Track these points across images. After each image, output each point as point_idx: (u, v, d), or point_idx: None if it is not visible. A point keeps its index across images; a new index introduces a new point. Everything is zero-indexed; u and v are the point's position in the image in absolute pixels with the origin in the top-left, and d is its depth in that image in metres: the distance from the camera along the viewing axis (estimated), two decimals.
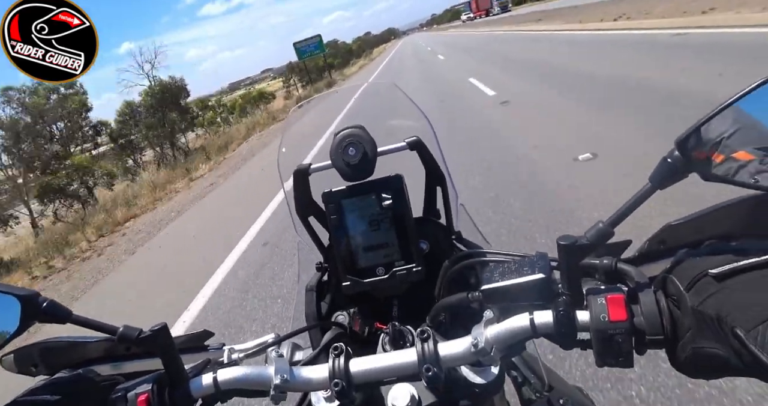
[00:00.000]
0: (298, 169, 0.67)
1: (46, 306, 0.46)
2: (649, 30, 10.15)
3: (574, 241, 0.42)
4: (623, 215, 0.42)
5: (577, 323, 0.42)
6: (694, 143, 0.39)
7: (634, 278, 0.43)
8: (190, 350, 0.61)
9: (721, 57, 5.77)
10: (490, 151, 4.74)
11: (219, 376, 0.49)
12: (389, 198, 0.62)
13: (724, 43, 6.64)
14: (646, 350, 0.41)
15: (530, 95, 7.08)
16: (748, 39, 6.46)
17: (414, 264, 0.63)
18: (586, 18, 17.33)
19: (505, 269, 0.48)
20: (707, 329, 0.36)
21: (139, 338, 0.46)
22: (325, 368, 0.48)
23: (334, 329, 0.64)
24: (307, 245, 0.72)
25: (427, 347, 0.47)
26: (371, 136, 0.62)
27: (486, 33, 32.56)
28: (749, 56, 5.37)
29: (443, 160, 0.71)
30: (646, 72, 6.08)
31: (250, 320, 3.00)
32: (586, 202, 3.02)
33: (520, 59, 12.25)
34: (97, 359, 0.61)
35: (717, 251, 0.40)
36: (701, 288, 0.37)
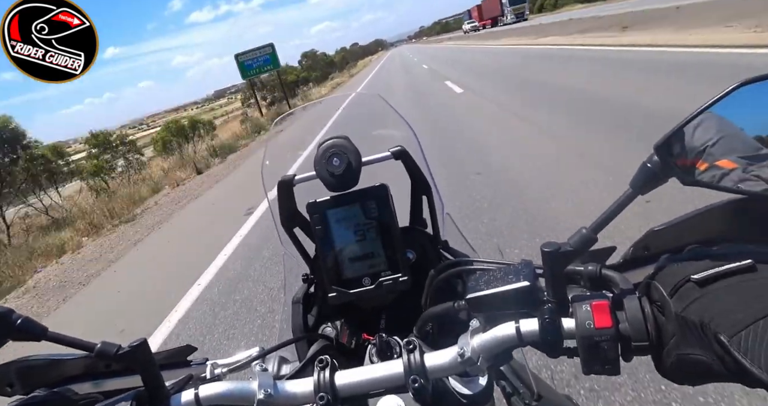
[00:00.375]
0: (282, 180, 0.66)
1: (20, 323, 0.44)
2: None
3: (558, 248, 0.42)
4: (605, 221, 0.42)
5: (563, 331, 0.42)
6: (678, 150, 0.40)
7: (619, 285, 0.43)
8: (172, 366, 0.59)
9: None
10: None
11: (201, 392, 0.48)
12: (374, 208, 0.62)
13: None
14: (632, 357, 0.40)
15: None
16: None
17: (400, 274, 0.62)
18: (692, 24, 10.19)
19: (490, 277, 0.47)
20: (691, 334, 0.36)
21: (118, 355, 0.45)
22: (310, 381, 0.48)
23: (321, 341, 0.63)
24: (293, 256, 0.72)
25: (414, 358, 0.47)
26: (355, 146, 0.62)
27: (496, 47, 24.60)
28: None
29: (428, 169, 0.71)
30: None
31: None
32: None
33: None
34: (76, 377, 0.59)
35: (699, 255, 0.40)
36: (684, 294, 0.37)
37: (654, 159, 0.40)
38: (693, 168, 0.40)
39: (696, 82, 5.44)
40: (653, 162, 0.40)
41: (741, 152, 0.39)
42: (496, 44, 27.23)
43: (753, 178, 0.39)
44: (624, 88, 6.35)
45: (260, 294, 3.35)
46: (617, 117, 5.00)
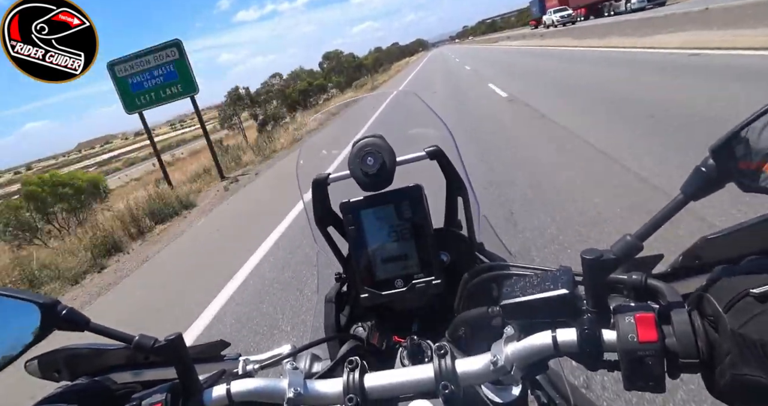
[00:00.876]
0: (316, 178, 0.66)
1: (66, 314, 0.47)
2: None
3: (600, 255, 0.40)
4: (653, 228, 0.40)
5: (604, 343, 0.40)
6: (741, 152, 0.37)
7: (666, 296, 0.41)
8: (206, 360, 0.60)
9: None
10: None
11: (232, 388, 0.48)
12: (408, 209, 0.62)
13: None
14: (679, 375, 0.38)
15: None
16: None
17: (433, 277, 0.61)
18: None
19: (527, 284, 0.46)
20: (749, 353, 0.34)
21: (154, 348, 0.47)
22: (339, 382, 0.48)
23: (352, 341, 0.63)
24: (327, 255, 0.72)
25: (445, 364, 0.46)
26: (390, 145, 0.61)
27: (580, 50, 16.37)
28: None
29: (464, 169, 0.70)
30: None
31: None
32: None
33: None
34: (117, 366, 0.62)
35: (759, 268, 0.38)
36: (742, 309, 0.35)
37: (709, 163, 0.37)
38: (758, 172, 0.37)
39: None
40: (708, 166, 0.37)
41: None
42: (578, 45, 18.21)
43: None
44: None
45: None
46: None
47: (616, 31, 16.92)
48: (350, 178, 0.62)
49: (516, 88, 10.18)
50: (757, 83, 5.24)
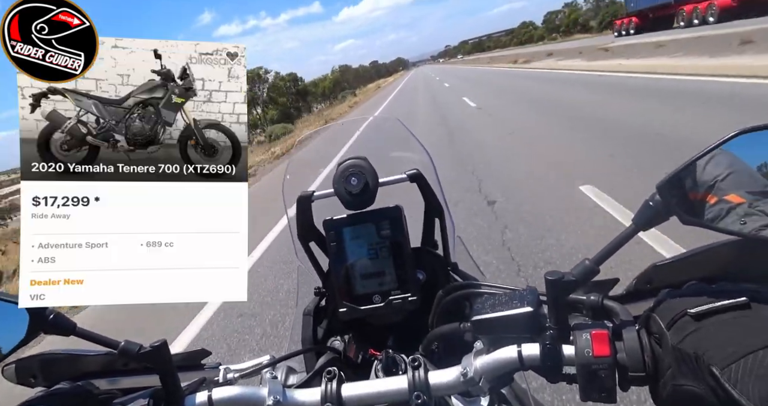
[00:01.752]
0: (301, 195, 0.68)
1: (53, 318, 0.47)
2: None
3: (561, 276, 0.43)
4: (607, 254, 0.44)
5: (563, 357, 0.43)
6: (690, 184, 0.42)
7: (620, 315, 0.44)
8: (187, 368, 0.61)
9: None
10: None
11: (214, 394, 0.49)
12: (388, 228, 0.64)
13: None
14: (629, 387, 0.41)
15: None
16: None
17: (410, 293, 0.63)
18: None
19: (496, 301, 0.49)
20: (686, 366, 0.37)
21: (140, 354, 0.47)
22: (317, 391, 0.49)
23: (329, 353, 0.65)
24: (307, 269, 0.73)
25: (418, 375, 0.48)
26: (373, 167, 0.64)
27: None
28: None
29: (442, 192, 0.73)
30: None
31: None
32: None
33: None
34: (96, 372, 0.62)
35: (697, 291, 0.42)
36: (681, 327, 0.39)
37: (656, 198, 0.42)
38: (703, 202, 0.42)
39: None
40: (655, 201, 0.42)
41: (749, 188, 0.41)
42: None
43: (758, 214, 0.40)
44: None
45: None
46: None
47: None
48: (334, 196, 0.64)
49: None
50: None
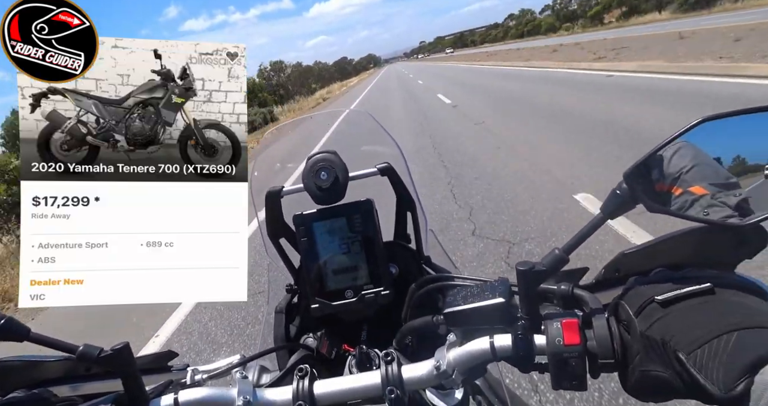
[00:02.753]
0: (270, 191, 0.67)
1: (3, 324, 0.45)
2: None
3: (532, 267, 0.44)
4: (576, 243, 0.44)
5: (535, 347, 0.43)
6: (656, 175, 0.43)
7: (589, 304, 0.44)
8: (153, 371, 0.59)
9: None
10: None
11: (180, 397, 0.48)
12: (359, 222, 0.63)
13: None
14: (599, 374, 0.42)
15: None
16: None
17: (382, 288, 0.63)
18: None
19: (468, 293, 0.48)
20: (653, 352, 0.38)
21: (100, 357, 0.45)
22: (289, 390, 0.48)
23: (301, 351, 0.64)
24: (278, 266, 0.72)
25: (391, 370, 0.48)
26: (343, 161, 0.63)
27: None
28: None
29: (413, 186, 0.72)
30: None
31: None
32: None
33: None
34: (55, 379, 0.59)
35: (664, 278, 0.42)
36: (648, 314, 0.39)
37: (623, 186, 0.42)
38: (669, 193, 0.43)
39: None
40: (622, 189, 0.43)
41: (712, 180, 0.43)
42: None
43: (719, 205, 0.42)
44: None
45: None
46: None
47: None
48: (304, 191, 0.63)
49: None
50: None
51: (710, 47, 10.59)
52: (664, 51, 12.25)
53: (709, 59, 9.12)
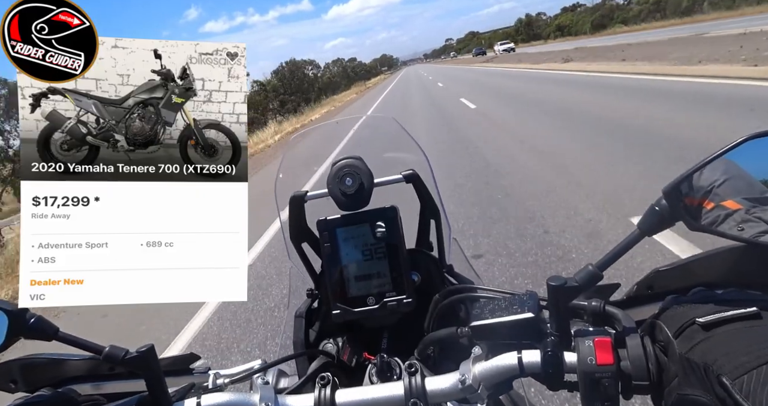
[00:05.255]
0: (294, 195, 0.67)
1: (33, 322, 0.45)
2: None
3: (564, 282, 0.43)
4: (612, 259, 0.43)
5: (565, 365, 0.42)
6: (686, 189, 0.41)
7: (622, 322, 0.43)
8: (175, 373, 0.59)
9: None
10: None
11: (203, 401, 0.48)
12: (383, 229, 0.63)
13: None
14: (632, 395, 0.41)
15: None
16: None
17: (405, 295, 0.62)
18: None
19: (495, 306, 0.48)
20: (693, 376, 0.36)
21: (125, 359, 0.46)
22: (310, 397, 0.48)
23: (322, 357, 0.63)
24: (300, 271, 0.72)
25: (415, 382, 0.47)
26: (368, 167, 0.63)
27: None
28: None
29: (438, 194, 0.71)
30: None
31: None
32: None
33: None
34: (79, 378, 0.60)
35: (704, 299, 0.41)
36: (689, 335, 0.38)
37: (662, 203, 0.41)
38: (700, 207, 0.42)
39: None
40: (661, 205, 0.41)
41: (746, 194, 0.41)
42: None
43: (755, 220, 0.40)
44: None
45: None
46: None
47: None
48: (328, 196, 0.63)
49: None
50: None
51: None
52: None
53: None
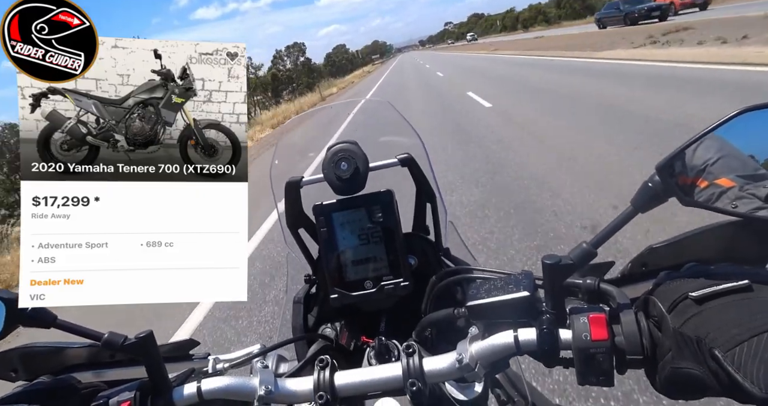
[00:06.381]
0: (290, 181, 0.67)
1: (31, 310, 0.46)
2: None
3: (558, 260, 0.43)
4: (605, 237, 0.43)
5: (560, 342, 0.43)
6: (679, 168, 0.41)
7: (616, 299, 0.44)
8: (175, 359, 0.60)
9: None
10: None
11: (203, 386, 0.48)
12: (379, 213, 0.63)
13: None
14: (626, 370, 0.41)
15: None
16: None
17: (402, 279, 0.63)
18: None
19: (491, 286, 0.48)
20: (687, 349, 0.37)
21: (124, 345, 0.46)
22: (310, 380, 0.49)
23: (320, 341, 0.64)
24: (297, 256, 0.72)
25: (413, 362, 0.47)
26: (364, 151, 0.63)
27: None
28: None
29: (434, 177, 0.72)
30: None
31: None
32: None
33: None
34: (79, 365, 0.60)
35: (697, 274, 0.41)
36: (682, 310, 0.38)
37: (655, 179, 0.41)
38: (693, 186, 0.42)
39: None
40: (654, 182, 0.41)
41: (739, 172, 0.41)
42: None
43: (749, 197, 0.40)
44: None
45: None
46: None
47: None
48: (323, 181, 0.63)
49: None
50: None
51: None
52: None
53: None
